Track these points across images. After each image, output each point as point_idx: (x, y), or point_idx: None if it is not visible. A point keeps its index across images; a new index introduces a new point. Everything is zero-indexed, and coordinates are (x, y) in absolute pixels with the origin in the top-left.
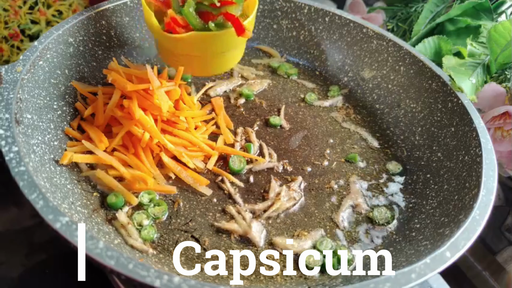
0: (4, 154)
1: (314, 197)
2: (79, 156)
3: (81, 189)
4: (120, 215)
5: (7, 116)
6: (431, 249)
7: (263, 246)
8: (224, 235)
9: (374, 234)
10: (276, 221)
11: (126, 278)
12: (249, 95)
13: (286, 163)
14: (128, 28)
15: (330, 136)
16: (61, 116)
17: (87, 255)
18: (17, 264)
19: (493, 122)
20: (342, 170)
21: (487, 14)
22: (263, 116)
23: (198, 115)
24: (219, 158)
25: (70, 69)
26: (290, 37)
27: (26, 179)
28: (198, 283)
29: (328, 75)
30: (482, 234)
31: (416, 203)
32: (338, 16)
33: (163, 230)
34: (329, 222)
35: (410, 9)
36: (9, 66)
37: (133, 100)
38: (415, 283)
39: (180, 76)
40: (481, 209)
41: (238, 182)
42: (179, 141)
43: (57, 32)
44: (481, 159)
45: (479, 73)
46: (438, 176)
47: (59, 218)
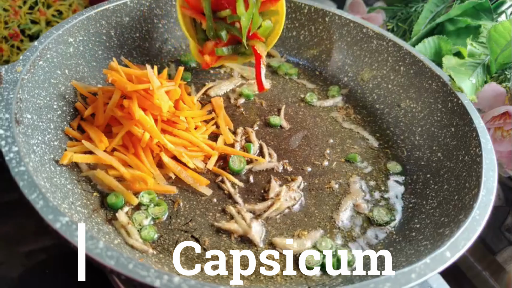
0: (4, 154)
1: (314, 197)
2: (79, 156)
3: (81, 189)
4: (120, 215)
5: (7, 116)
6: (431, 249)
7: (263, 246)
8: (224, 235)
9: (374, 234)
10: (276, 221)
11: (126, 278)
12: (249, 95)
13: (286, 163)
14: (128, 28)
15: (330, 136)
16: (61, 116)
17: (87, 255)
18: (17, 264)
19: (493, 122)
20: (342, 170)
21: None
22: (263, 116)
23: (198, 115)
24: (219, 158)
25: (70, 69)
26: (290, 37)
27: (26, 179)
28: (198, 283)
29: (328, 75)
30: (482, 234)
31: (416, 203)
32: (338, 16)
33: (163, 230)
34: (329, 222)
35: (410, 9)
36: (9, 66)
37: (133, 100)
38: (415, 283)
39: (180, 76)
40: (481, 209)
41: (238, 182)
42: (179, 141)
43: (57, 32)
44: (481, 159)
45: (479, 73)
46: (438, 176)
47: (59, 218)
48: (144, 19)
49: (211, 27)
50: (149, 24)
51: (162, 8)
